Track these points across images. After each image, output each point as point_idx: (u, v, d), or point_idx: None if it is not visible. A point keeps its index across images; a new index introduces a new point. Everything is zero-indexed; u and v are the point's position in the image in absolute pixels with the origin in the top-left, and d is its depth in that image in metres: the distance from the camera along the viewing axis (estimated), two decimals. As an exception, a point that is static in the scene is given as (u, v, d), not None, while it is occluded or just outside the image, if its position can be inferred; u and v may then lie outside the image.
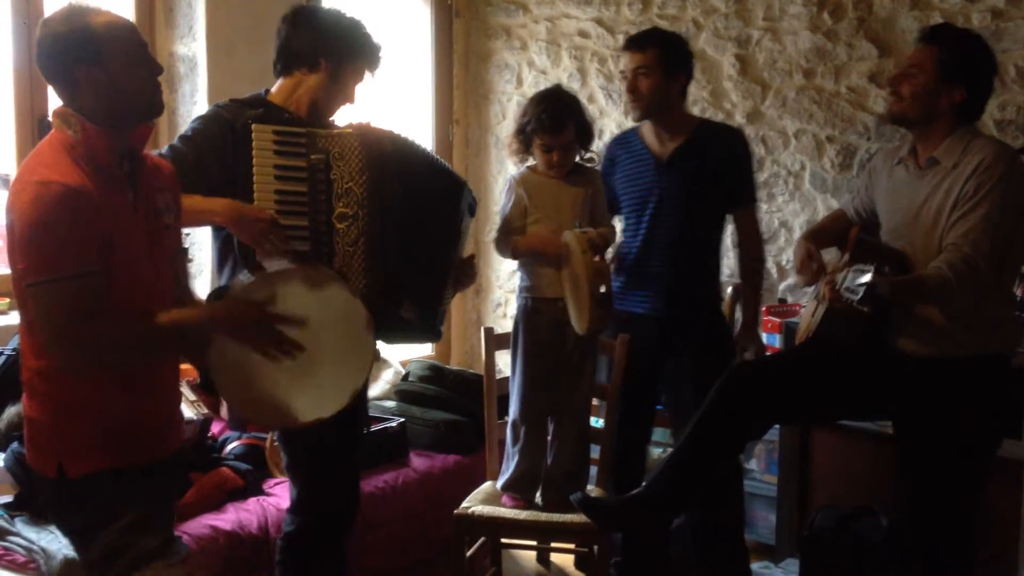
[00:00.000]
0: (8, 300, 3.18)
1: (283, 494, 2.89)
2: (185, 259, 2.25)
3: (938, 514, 2.54)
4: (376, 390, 3.84)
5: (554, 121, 2.84)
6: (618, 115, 4.33)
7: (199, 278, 3.56)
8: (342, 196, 2.38)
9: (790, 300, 3.97)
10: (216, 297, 2.20)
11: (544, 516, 2.92)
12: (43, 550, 2.44)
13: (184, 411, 2.85)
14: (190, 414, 3.00)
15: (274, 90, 2.53)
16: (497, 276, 4.83)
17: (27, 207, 1.83)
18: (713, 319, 3.19)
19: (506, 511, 2.93)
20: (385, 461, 3.36)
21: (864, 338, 2.51)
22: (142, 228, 2.00)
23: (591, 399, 3.08)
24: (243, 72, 3.51)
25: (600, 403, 3.23)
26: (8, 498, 2.66)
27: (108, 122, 1.92)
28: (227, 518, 2.78)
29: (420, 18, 4.70)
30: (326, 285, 2.22)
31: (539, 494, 3.00)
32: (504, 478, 3.00)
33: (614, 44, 4.30)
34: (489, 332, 3.17)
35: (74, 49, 1.88)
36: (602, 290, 2.75)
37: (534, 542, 3.45)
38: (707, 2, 4.15)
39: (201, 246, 3.56)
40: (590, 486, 3.06)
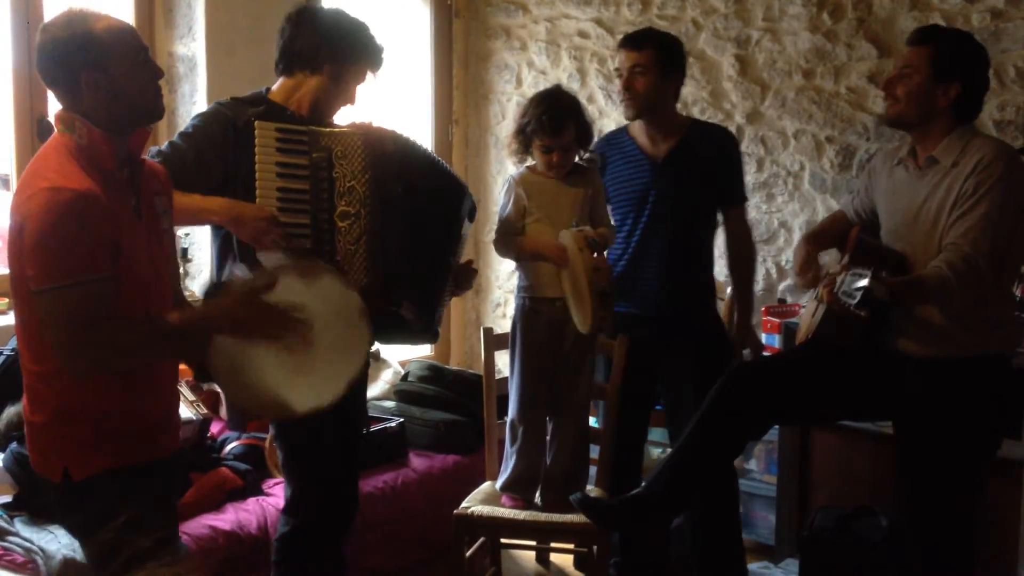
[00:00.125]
0: (8, 300, 3.17)
1: (282, 494, 2.88)
2: (177, 261, 2.25)
3: (938, 514, 2.54)
4: (375, 390, 3.84)
5: (554, 122, 2.84)
6: (618, 115, 4.31)
7: (199, 278, 3.56)
8: (344, 194, 2.38)
9: (790, 300, 3.97)
10: (213, 293, 2.20)
11: (543, 516, 2.92)
12: (42, 550, 2.44)
13: (184, 411, 2.86)
14: (190, 414, 2.99)
15: (275, 89, 2.52)
16: (496, 276, 4.83)
17: (39, 213, 1.81)
18: (710, 318, 3.21)
19: (505, 511, 2.93)
20: (384, 461, 3.36)
21: (863, 339, 2.51)
22: (144, 231, 2.00)
23: (590, 399, 3.08)
24: (243, 72, 3.51)
25: (598, 403, 3.23)
26: (7, 498, 2.66)
27: (109, 126, 1.92)
28: (226, 518, 2.78)
29: (420, 18, 4.70)
30: (320, 276, 2.20)
31: (538, 494, 3.00)
32: (503, 478, 3.00)
33: (614, 44, 4.27)
34: (488, 332, 3.17)
35: (76, 54, 1.87)
36: (603, 288, 2.75)
37: (533, 542, 3.45)
38: (707, 2, 4.15)
39: (201, 246, 3.56)
40: (589, 486, 3.06)
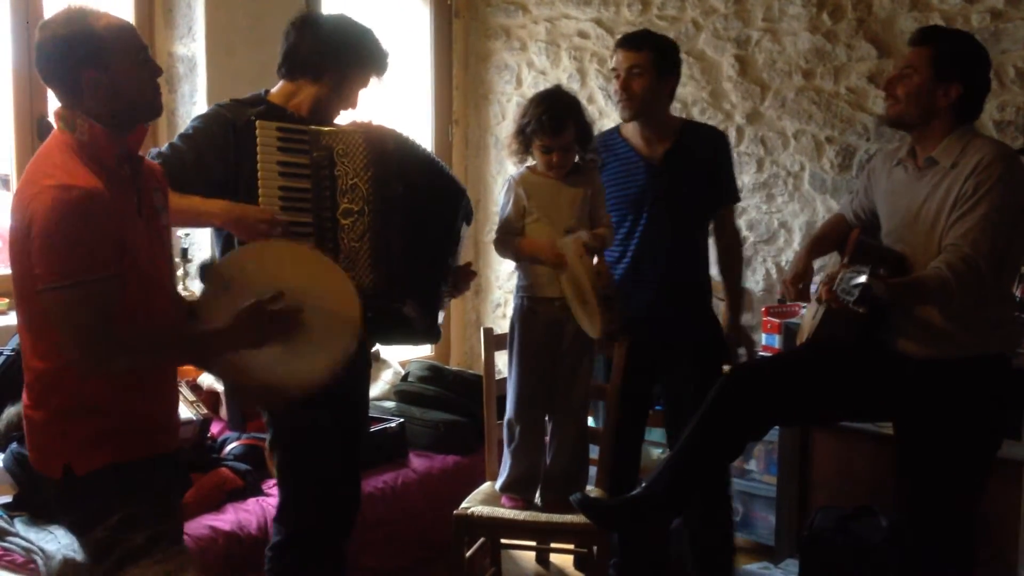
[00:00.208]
0: (8, 300, 3.17)
1: (283, 494, 2.89)
2: (173, 258, 2.25)
3: (938, 514, 2.54)
4: (375, 390, 3.84)
5: (554, 122, 2.84)
6: (617, 116, 4.31)
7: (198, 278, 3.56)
8: (347, 192, 2.37)
9: (789, 301, 3.96)
10: (204, 272, 2.21)
11: (543, 516, 2.91)
12: (42, 550, 2.43)
13: (184, 411, 2.86)
14: (190, 414, 2.99)
15: (275, 91, 2.51)
16: (496, 276, 4.83)
17: (46, 212, 1.81)
18: (708, 318, 3.22)
19: (505, 511, 2.93)
20: (384, 461, 3.36)
21: (863, 337, 2.51)
22: (145, 228, 2.00)
23: (589, 399, 3.08)
24: (243, 72, 3.51)
25: (596, 403, 3.23)
26: (8, 498, 2.65)
27: (109, 123, 1.92)
28: (226, 518, 2.78)
29: (419, 18, 4.70)
30: (299, 250, 2.20)
31: (538, 494, 2.99)
32: (502, 479, 3.00)
33: (613, 45, 4.29)
34: (488, 332, 3.17)
35: (76, 51, 1.87)
36: (607, 292, 2.75)
37: (533, 542, 3.46)
38: (706, 3, 4.15)
39: (201, 246, 3.56)
40: (589, 486, 3.06)
